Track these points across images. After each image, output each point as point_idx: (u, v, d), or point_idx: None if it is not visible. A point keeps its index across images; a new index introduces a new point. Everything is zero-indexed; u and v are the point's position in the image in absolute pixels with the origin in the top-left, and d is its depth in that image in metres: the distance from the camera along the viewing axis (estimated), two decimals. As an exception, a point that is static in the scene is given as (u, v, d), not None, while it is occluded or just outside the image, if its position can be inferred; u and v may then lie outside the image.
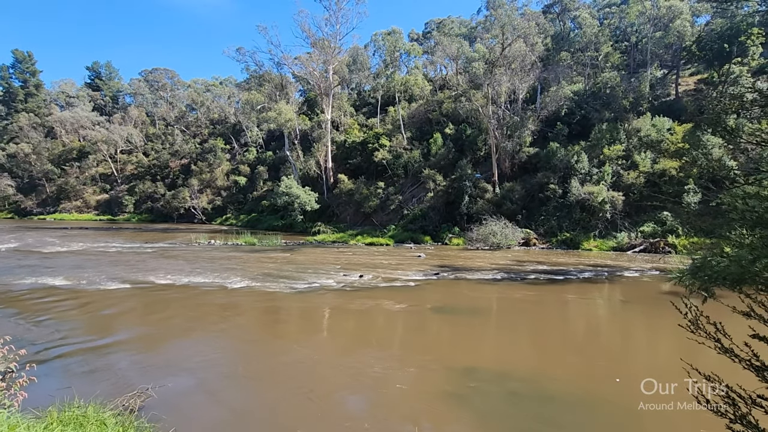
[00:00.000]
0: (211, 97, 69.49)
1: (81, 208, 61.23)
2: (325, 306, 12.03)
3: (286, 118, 41.66)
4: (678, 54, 37.25)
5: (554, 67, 38.24)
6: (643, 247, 24.19)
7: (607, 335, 10.30)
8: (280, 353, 8.14)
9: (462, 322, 10.49)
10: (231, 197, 53.13)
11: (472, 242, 26.55)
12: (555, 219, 28.01)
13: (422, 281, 15.30)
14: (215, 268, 17.27)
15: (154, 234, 35.50)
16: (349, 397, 6.13)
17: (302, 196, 37.31)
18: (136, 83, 75.51)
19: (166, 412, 5.02)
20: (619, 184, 27.55)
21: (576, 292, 13.96)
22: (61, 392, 4.84)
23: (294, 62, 44.84)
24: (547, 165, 30.79)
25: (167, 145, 65.02)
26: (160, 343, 8.55)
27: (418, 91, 48.74)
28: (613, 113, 32.63)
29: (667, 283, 15.80)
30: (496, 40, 35.64)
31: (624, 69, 38.50)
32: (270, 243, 27.49)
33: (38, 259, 19.47)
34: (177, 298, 12.57)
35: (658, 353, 8.88)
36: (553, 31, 43.15)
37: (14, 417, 3.31)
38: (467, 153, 36.06)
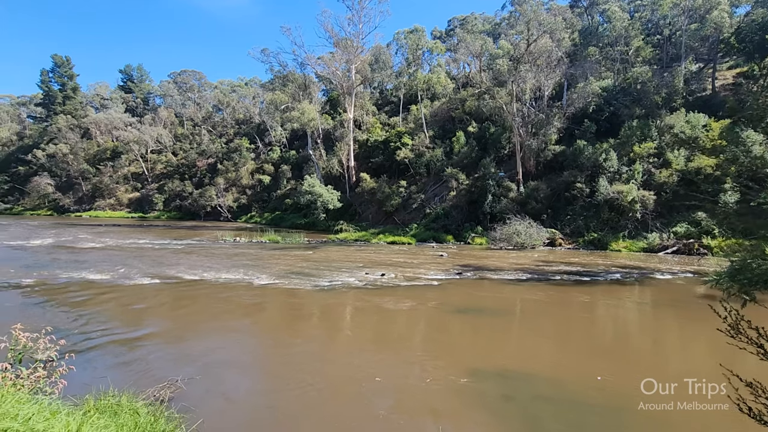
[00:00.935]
0: (236, 97, 71.10)
1: (114, 205, 63.78)
2: (347, 304, 12.11)
3: (309, 117, 42.14)
4: (715, 47, 35.59)
5: (582, 63, 37.23)
6: (675, 249, 23.26)
7: (637, 339, 9.95)
8: (302, 351, 8.24)
9: (485, 323, 10.36)
10: (255, 195, 54.19)
11: (496, 242, 26.17)
12: (582, 219, 27.28)
13: (444, 281, 15.18)
14: (240, 265, 17.65)
15: (182, 231, 36.60)
16: (372, 397, 6.14)
17: (325, 195, 37.67)
18: (165, 85, 78.03)
19: (194, 404, 5.17)
20: (651, 183, 26.57)
21: (604, 294, 13.55)
22: (96, 381, 5.05)
23: (317, 62, 45.32)
24: (574, 163, 30.01)
25: (195, 145, 66.91)
26: (189, 337, 8.80)
27: (440, 89, 48.39)
28: (644, 109, 31.49)
29: (701, 286, 15.15)
30: (521, 36, 34.96)
31: (656, 63, 37.09)
32: (293, 241, 27.88)
33: (75, 254, 20.39)
34: (204, 293, 12.91)
35: (692, 359, 8.52)
36: (581, 25, 42.00)
37: (55, 404, 3.47)
38: (490, 151, 35.55)
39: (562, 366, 7.46)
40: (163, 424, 4.15)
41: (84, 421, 3.03)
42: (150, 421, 4.07)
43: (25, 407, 2.94)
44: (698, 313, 11.96)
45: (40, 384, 4.12)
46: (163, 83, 79.15)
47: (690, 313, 11.80)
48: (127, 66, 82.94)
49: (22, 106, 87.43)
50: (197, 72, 78.05)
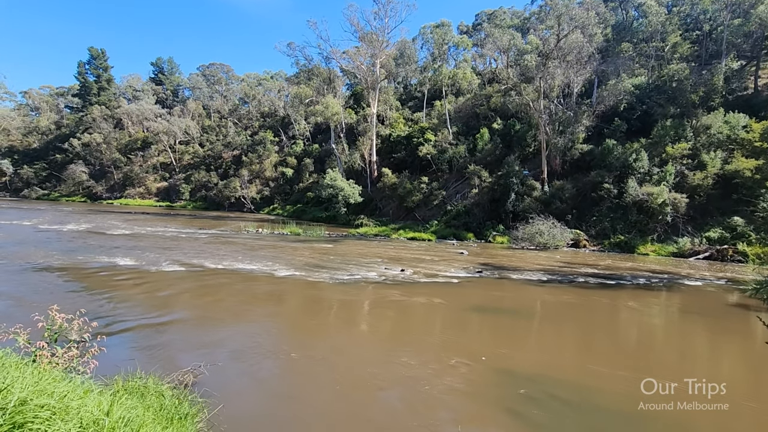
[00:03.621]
0: (262, 90, 72.17)
1: (143, 194, 66.00)
2: (366, 298, 12.17)
3: (332, 111, 42.37)
4: (759, 43, 33.76)
5: (614, 59, 36.02)
6: (708, 254, 22.34)
7: (662, 348, 9.62)
8: (322, 343, 8.34)
9: (505, 324, 10.23)
10: (278, 188, 55.00)
11: (517, 241, 25.76)
12: (608, 220, 26.52)
13: (464, 279, 15.06)
14: (262, 256, 17.98)
15: (207, 221, 37.54)
16: (389, 391, 6.16)
17: (346, 189, 37.86)
18: (194, 78, 79.88)
19: (216, 389, 5.31)
20: (683, 185, 25.56)
21: (629, 299, 13.16)
22: (125, 363, 5.25)
23: (342, 56, 45.41)
24: (602, 163, 29.15)
25: (221, 137, 68.38)
26: (211, 324, 9.04)
27: (465, 85, 47.77)
28: (678, 108, 30.25)
29: (734, 294, 14.51)
30: (551, 31, 34.06)
31: (694, 60, 35.51)
32: (314, 234, 28.19)
33: (106, 240, 21.22)
34: (227, 282, 13.22)
35: (720, 371, 8.18)
36: (614, 20, 40.60)
37: (87, 382, 3.63)
38: (515, 149, 34.91)
39: (583, 370, 7.29)
40: (187, 407, 4.28)
41: (114, 401, 3.15)
42: (174, 404, 4.21)
43: (61, 385, 3.09)
44: (729, 323, 11.48)
45: (73, 363, 4.31)
46: (192, 76, 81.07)
47: (720, 323, 11.33)
48: (158, 59, 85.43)
49: (60, 96, 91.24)
50: (225, 65, 79.59)
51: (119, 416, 3.01)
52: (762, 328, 10.85)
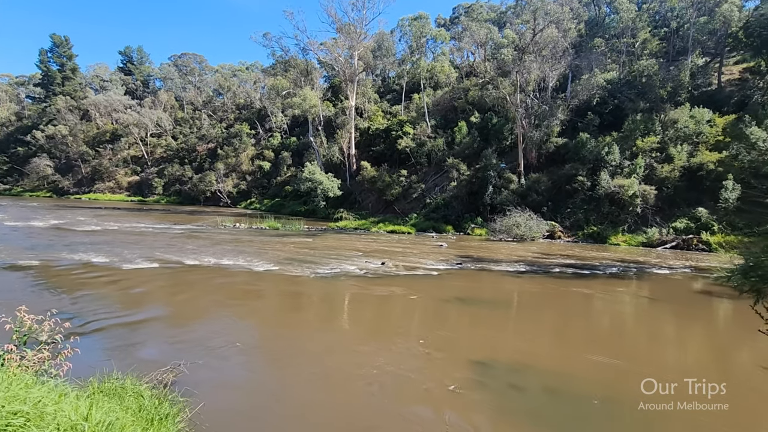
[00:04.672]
0: (237, 82, 70.44)
1: (114, 188, 63.65)
2: (347, 292, 12.17)
3: (310, 104, 41.77)
4: (723, 41, 35.18)
5: (587, 55, 36.83)
6: (674, 244, 23.35)
7: (633, 334, 10.04)
8: (303, 337, 8.31)
9: (485, 314, 10.44)
10: (255, 182, 54.08)
11: (495, 233, 26.22)
12: (582, 212, 27.31)
13: (444, 271, 15.25)
14: (240, 251, 17.70)
15: (181, 216, 36.60)
16: (373, 384, 6.21)
17: (325, 183, 37.58)
18: (165, 68, 77.21)
19: (197, 388, 5.22)
20: (652, 178, 26.54)
21: (602, 288, 13.64)
22: (101, 364, 5.09)
23: (319, 48, 44.79)
24: (576, 156, 29.92)
25: (195, 130, 66.52)
26: (190, 322, 8.87)
27: (443, 78, 47.94)
28: (648, 103, 31.26)
29: (699, 281, 15.25)
30: (527, 25, 34.51)
31: (663, 57, 36.69)
32: (293, 228, 27.91)
33: (76, 237, 20.41)
34: (204, 278, 12.96)
35: (688, 354, 8.61)
36: (587, 16, 41.43)
37: (61, 386, 3.50)
38: (492, 142, 35.36)
39: (560, 358, 7.54)
40: (167, 407, 4.20)
41: (93, 404, 3.06)
42: (154, 404, 4.12)
43: (34, 390, 2.97)
44: (694, 309, 12.08)
45: (45, 366, 4.15)
46: (164, 66, 78.33)
47: (687, 309, 11.91)
48: (127, 47, 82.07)
49: (20, 86, 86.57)
50: (198, 55, 77.21)
51: (99, 420, 2.93)
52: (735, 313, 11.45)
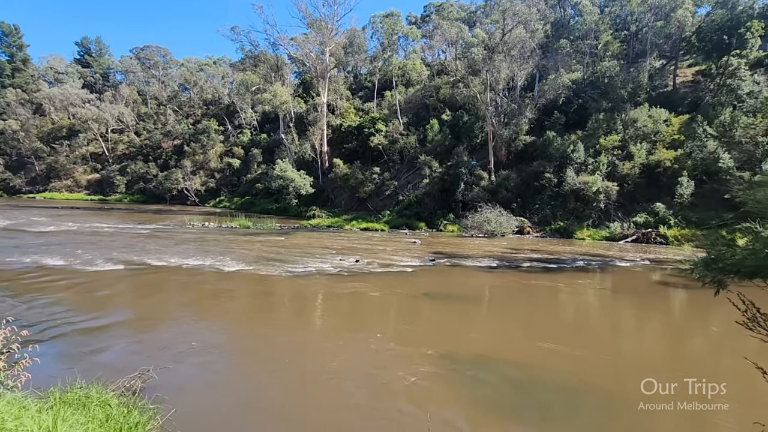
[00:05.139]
0: (204, 76, 68.22)
1: (71, 187, 60.38)
2: (321, 290, 12.10)
3: (281, 100, 41.04)
4: (677, 44, 37.09)
5: (553, 55, 37.94)
6: (635, 238, 24.50)
7: (598, 324, 10.51)
8: (277, 337, 8.21)
9: (458, 309, 10.63)
10: (224, 179, 52.68)
11: (467, 229, 26.69)
12: (549, 208, 28.20)
13: (418, 267, 15.41)
14: (210, 251, 17.23)
15: (146, 215, 35.21)
16: (346, 381, 6.22)
17: (297, 180, 37.08)
18: (127, 61, 73.75)
19: (168, 393, 5.06)
20: (614, 174, 27.71)
21: (569, 281, 14.16)
22: (62, 372, 4.85)
23: (290, 43, 44.03)
24: (544, 154, 30.83)
25: (159, 125, 63.94)
26: (158, 325, 8.58)
27: (415, 75, 48.20)
28: (610, 103, 32.57)
29: (657, 273, 16.10)
30: (496, 25, 35.16)
31: (623, 58, 38.29)
32: (264, 226, 27.41)
33: (30, 239, 19.26)
34: (172, 279, 12.55)
35: (647, 342, 9.10)
36: (553, 17, 42.64)
37: (21, 398, 3.32)
38: (464, 140, 35.90)
39: (529, 349, 7.79)
40: (137, 415, 4.06)
41: (57, 417, 2.92)
42: (123, 413, 3.97)
43: (-9, 403, 2.80)
44: (653, 299, 12.76)
45: (0, 377, 3.92)
46: (125, 59, 74.74)
47: (646, 300, 12.55)
48: (84, 38, 77.70)
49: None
50: (162, 48, 74.09)
51: (63, 432, 2.80)
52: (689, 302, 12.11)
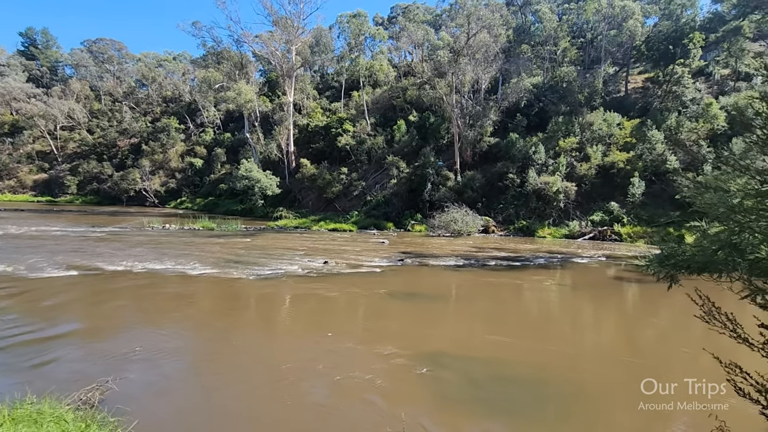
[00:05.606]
0: (163, 72, 65.47)
1: (15, 188, 56.25)
2: (289, 293, 11.93)
3: (246, 98, 40.08)
4: (629, 52, 39.28)
5: (515, 60, 39.17)
6: (592, 235, 25.74)
7: (559, 319, 10.98)
8: (244, 341, 8.03)
9: (425, 308, 10.79)
10: (186, 180, 50.80)
11: (434, 229, 27.09)
12: (513, 207, 29.11)
13: (387, 267, 15.50)
14: (171, 254, 16.57)
15: (101, 217, 33.36)
16: (315, 384, 6.18)
17: (263, 180, 36.33)
18: (78, 54, 69.55)
19: (129, 405, 4.85)
20: (573, 175, 28.98)
21: (532, 278, 14.69)
22: (10, 388, 4.54)
23: (255, 40, 43.11)
24: (507, 155, 31.78)
25: (114, 123, 60.82)
26: (116, 334, 8.17)
27: (382, 76, 48.40)
28: (568, 107, 34.04)
29: (612, 268, 17.00)
30: (461, 29, 35.91)
31: (580, 64, 40.13)
32: (229, 228, 26.67)
33: (-32, 244, 17.79)
34: (131, 285, 11.98)
35: (605, 334, 9.61)
36: (515, 23, 44.04)
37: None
38: (430, 141, 36.43)
39: (493, 344, 8.04)
40: (96, 430, 3.86)
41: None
42: (80, 428, 3.77)
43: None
44: (608, 293, 13.47)
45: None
46: (75, 52, 70.43)
47: (602, 294, 13.24)
48: (29, 29, 72.57)
49: None
50: (117, 42, 70.49)
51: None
52: (642, 295, 12.83)
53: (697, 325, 2.81)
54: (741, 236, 3.44)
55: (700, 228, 4.55)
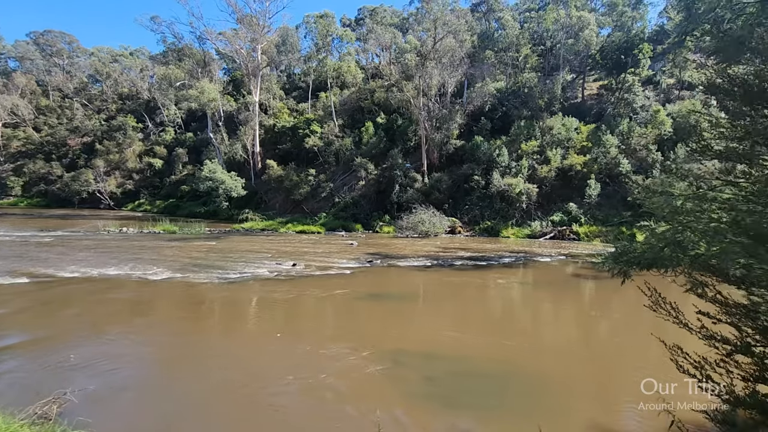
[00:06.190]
0: (119, 68, 62.34)
1: (-50, 189, 51.82)
2: (256, 296, 11.73)
3: (209, 97, 38.90)
4: (585, 61, 41.31)
5: (480, 65, 40.25)
6: (552, 235, 26.87)
7: (522, 315, 11.44)
8: (206, 346, 7.86)
9: (394, 308, 10.93)
10: (145, 181, 48.62)
11: (402, 230, 27.38)
12: (478, 208, 29.90)
13: (356, 269, 15.53)
14: (132, 259, 15.86)
15: (51, 221, 31.34)
16: (279, 388, 6.15)
17: (228, 182, 35.40)
18: (23, 46, 65.03)
19: (90, 417, 4.65)
20: (534, 177, 30.12)
21: (497, 277, 15.18)
22: (-43, 404, 4.25)
23: (218, 38, 41.98)
24: (472, 157, 32.60)
25: (65, 120, 57.34)
26: (73, 344, 7.75)
27: (350, 78, 48.32)
28: (530, 111, 35.34)
29: (571, 266, 17.84)
30: (428, 33, 36.52)
31: (540, 71, 41.76)
32: (193, 231, 25.80)
33: None
34: (87, 292, 11.39)
35: (561, 329, 10.10)
36: (480, 29, 45.25)
37: None
38: (398, 143, 36.76)
39: (462, 342, 8.28)
40: (56, 442, 3.70)
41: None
42: (38, 441, 3.60)
43: None
44: (567, 289, 14.14)
45: None
46: (20, 44, 65.79)
47: (562, 290, 13.88)
48: (-34, 17, 67.11)
49: None
50: (67, 34, 66.44)
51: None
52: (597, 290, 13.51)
53: (648, 317, 3.08)
54: (684, 234, 3.79)
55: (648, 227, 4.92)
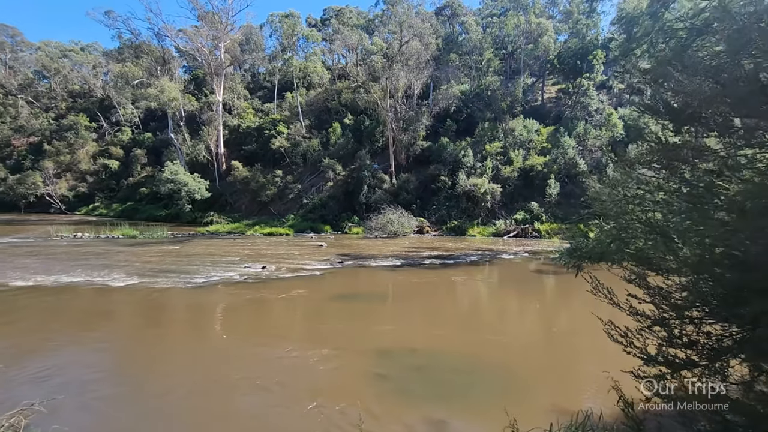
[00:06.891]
0: (69, 64, 58.93)
1: None
2: (224, 300, 11.59)
3: (169, 96, 37.57)
4: (544, 65, 43.20)
5: (445, 68, 41.18)
6: (516, 233, 27.97)
7: (488, 310, 11.95)
8: (175, 354, 7.77)
9: (364, 308, 11.13)
10: (100, 183, 46.28)
11: (371, 231, 27.63)
12: (445, 208, 30.63)
13: (327, 270, 15.61)
14: (89, 265, 15.19)
15: (-5, 227, 29.28)
16: (249, 391, 6.22)
17: (191, 184, 34.34)
18: (-42, 38, 60.11)
19: (65, 425, 4.57)
20: (498, 177, 31.23)
21: (464, 274, 15.71)
22: None
23: (178, 35, 40.58)
24: (439, 158, 33.34)
25: (8, 119, 53.52)
26: (33, 354, 7.43)
27: (317, 78, 48.07)
28: (493, 114, 36.57)
29: (533, 262, 18.70)
30: (394, 36, 36.98)
31: (503, 74, 43.27)
32: (154, 235, 24.92)
33: None
34: (42, 301, 10.86)
35: (526, 322, 10.67)
36: (444, 33, 46.26)
37: None
38: (366, 144, 36.99)
39: (431, 338, 8.61)
40: (29, 452, 3.65)
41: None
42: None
43: None
44: (530, 284, 14.86)
45: None
46: (-46, 35, 60.83)
47: (525, 286, 14.58)
48: None
49: None
50: (10, 27, 62.06)
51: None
52: (557, 285, 14.25)
53: (604, 307, 3.49)
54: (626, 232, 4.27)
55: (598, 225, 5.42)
